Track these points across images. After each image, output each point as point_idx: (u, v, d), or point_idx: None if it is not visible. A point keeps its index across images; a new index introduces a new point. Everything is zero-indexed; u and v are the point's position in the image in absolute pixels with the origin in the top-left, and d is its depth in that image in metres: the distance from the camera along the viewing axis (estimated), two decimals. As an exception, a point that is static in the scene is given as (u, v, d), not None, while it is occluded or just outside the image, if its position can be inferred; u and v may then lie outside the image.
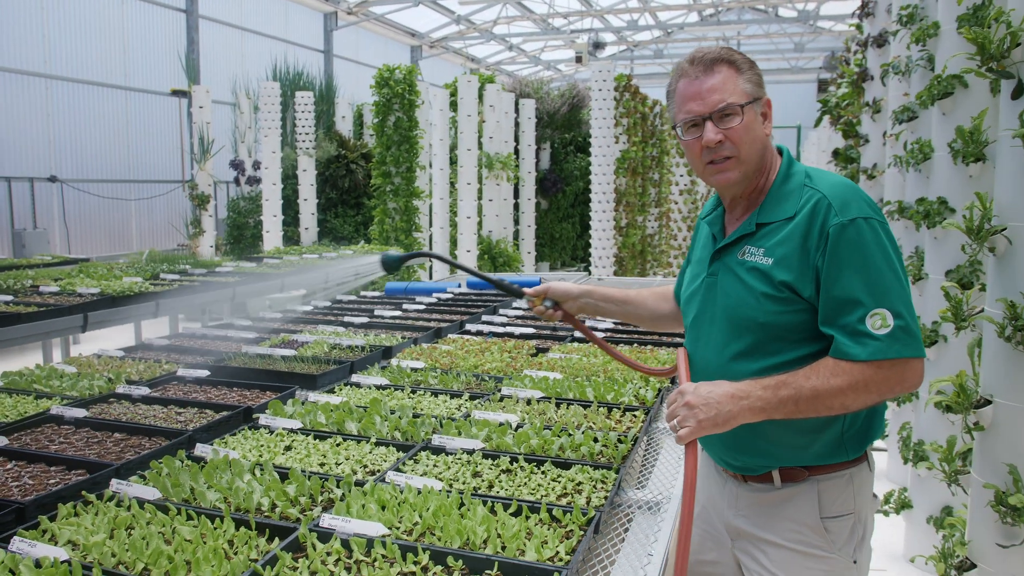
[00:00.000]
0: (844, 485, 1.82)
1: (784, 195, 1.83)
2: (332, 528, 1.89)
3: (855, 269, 1.67)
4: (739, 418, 1.70)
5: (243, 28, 17.85)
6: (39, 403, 3.08)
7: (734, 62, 1.81)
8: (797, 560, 1.83)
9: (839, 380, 1.66)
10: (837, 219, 1.70)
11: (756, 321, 1.80)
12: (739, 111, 1.78)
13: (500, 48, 28.43)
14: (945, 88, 2.90)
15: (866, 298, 1.66)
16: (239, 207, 12.84)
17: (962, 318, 2.31)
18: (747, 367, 1.81)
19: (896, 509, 3.28)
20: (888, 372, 1.65)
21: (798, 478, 1.83)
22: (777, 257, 1.78)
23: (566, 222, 15.32)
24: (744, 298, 1.83)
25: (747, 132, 1.80)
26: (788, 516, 1.84)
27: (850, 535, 1.82)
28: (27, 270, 6.90)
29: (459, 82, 11.42)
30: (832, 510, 1.82)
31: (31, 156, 12.89)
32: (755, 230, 1.85)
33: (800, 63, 29.97)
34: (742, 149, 1.80)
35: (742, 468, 1.91)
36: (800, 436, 1.81)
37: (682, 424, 1.72)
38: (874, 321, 1.65)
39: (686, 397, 1.72)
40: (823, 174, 1.83)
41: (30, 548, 1.78)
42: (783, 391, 1.69)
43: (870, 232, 1.69)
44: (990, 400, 2.13)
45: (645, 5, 23.45)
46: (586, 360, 3.79)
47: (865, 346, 1.65)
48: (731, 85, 1.79)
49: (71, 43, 13.60)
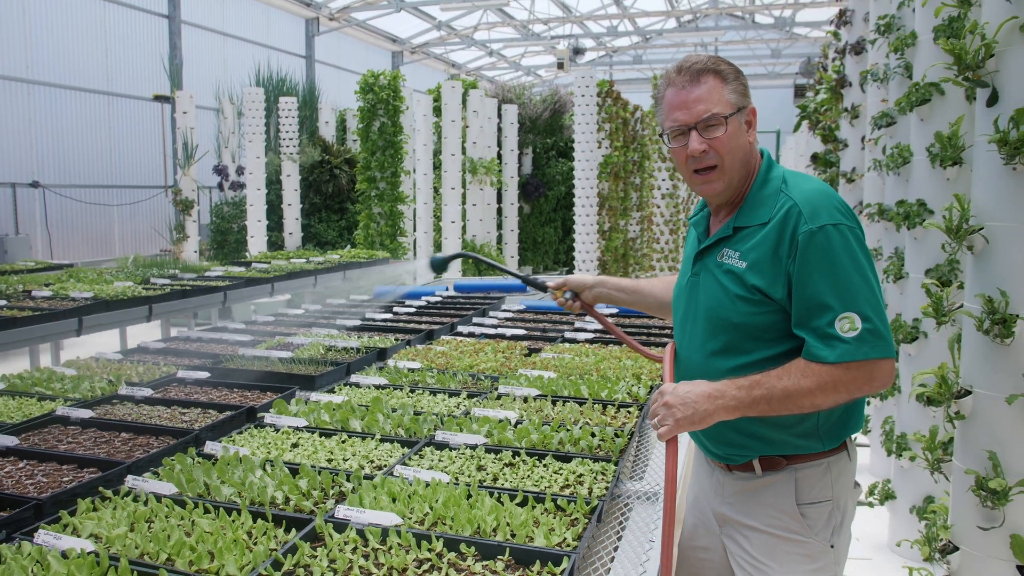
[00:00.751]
0: (822, 474, 1.91)
1: (761, 200, 1.90)
2: (347, 519, 1.96)
3: (824, 274, 1.76)
4: (715, 416, 1.79)
5: (225, 34, 17.81)
6: (43, 405, 3.13)
7: (720, 72, 1.88)
8: (777, 544, 1.92)
9: (809, 381, 1.75)
10: (807, 226, 1.78)
11: (731, 321, 1.89)
12: (723, 122, 1.84)
13: (481, 54, 28.55)
14: (923, 95, 3.02)
15: (835, 302, 1.75)
16: (223, 212, 12.82)
17: (942, 313, 2.42)
18: (723, 364, 1.90)
19: (880, 500, 3.39)
20: (856, 373, 1.74)
21: (777, 467, 1.92)
22: (750, 261, 1.86)
23: (548, 226, 15.43)
24: (720, 299, 1.91)
25: (731, 142, 1.86)
26: (767, 502, 1.93)
27: (827, 521, 1.91)
28: (11, 275, 6.88)
29: (443, 88, 11.50)
30: (809, 497, 1.91)
31: (13, 161, 12.80)
32: (732, 233, 1.93)
33: (777, 68, 30.35)
34: (726, 159, 1.87)
35: (725, 458, 2.00)
36: (775, 430, 1.90)
37: (661, 423, 1.81)
38: (843, 324, 1.74)
39: (665, 397, 1.82)
40: (799, 180, 1.91)
41: (55, 541, 1.84)
42: (756, 391, 1.78)
43: (839, 238, 1.77)
44: (970, 390, 2.25)
45: (624, 11, 23.68)
46: (579, 360, 3.88)
47: (834, 348, 1.74)
48: (716, 95, 1.84)
49: (53, 48, 13.52)
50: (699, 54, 1.97)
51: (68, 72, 13.79)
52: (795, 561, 1.91)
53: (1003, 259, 2.17)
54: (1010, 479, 2.17)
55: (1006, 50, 2.14)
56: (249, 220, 11.19)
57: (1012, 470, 2.17)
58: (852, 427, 1.98)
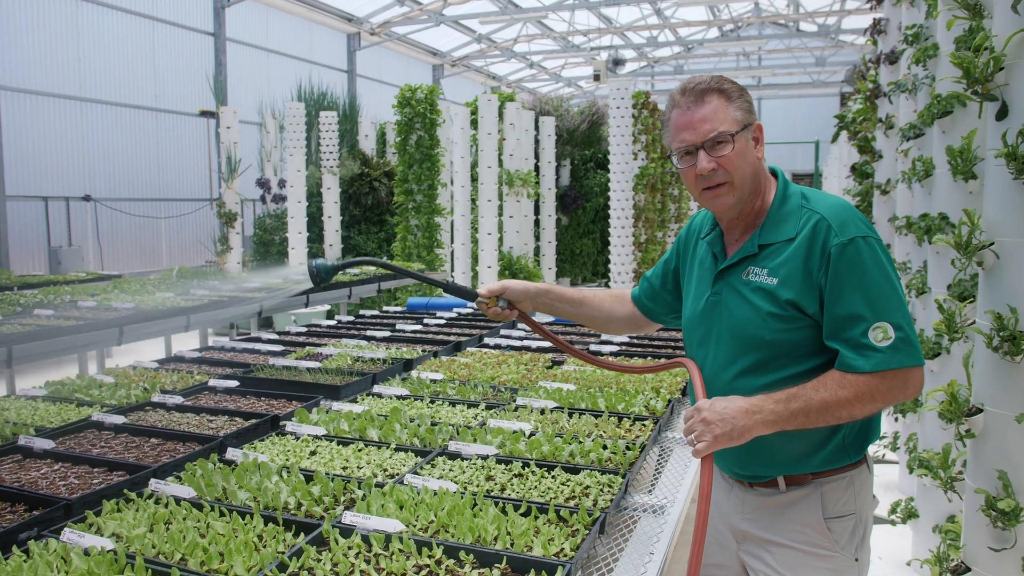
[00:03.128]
0: (845, 487, 1.93)
1: (783, 216, 1.92)
2: (353, 524, 2.03)
3: (856, 286, 1.78)
4: (753, 431, 1.79)
5: (269, 50, 18.24)
6: (80, 410, 3.26)
7: (724, 91, 1.90)
8: (802, 559, 1.93)
9: (846, 392, 1.76)
10: (837, 239, 1.80)
11: (763, 339, 1.89)
12: (730, 139, 1.86)
13: (521, 66, 28.72)
14: (944, 107, 3.00)
15: (867, 313, 1.77)
16: (265, 224, 13.10)
17: (955, 329, 2.40)
18: (752, 383, 1.91)
19: (903, 519, 3.34)
20: (892, 381, 1.77)
21: (802, 482, 1.94)
22: (781, 277, 1.87)
23: (586, 238, 15.45)
24: (750, 317, 1.91)
25: (739, 158, 1.88)
26: (793, 518, 1.94)
27: (852, 534, 1.92)
28: (63, 286, 7.14)
29: (479, 101, 11.61)
30: (834, 511, 1.92)
31: (66, 176, 13.29)
32: (758, 251, 1.94)
33: (822, 77, 29.95)
34: (735, 175, 1.88)
35: (750, 477, 2.01)
36: (805, 446, 1.91)
37: (699, 439, 1.80)
38: (876, 334, 1.76)
39: (703, 413, 1.81)
40: (818, 195, 1.94)
41: (79, 539, 1.94)
42: (794, 404, 1.79)
43: (868, 250, 1.80)
44: (981, 408, 2.23)
45: (665, 22, 23.63)
46: (600, 373, 3.90)
47: (869, 358, 1.76)
48: (722, 114, 1.87)
49: (105, 67, 14.01)
50: (702, 75, 1.99)
51: (118, 89, 14.28)
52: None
53: (1013, 275, 2.15)
54: (1021, 499, 2.14)
55: (1015, 63, 2.13)
56: (290, 232, 11.43)
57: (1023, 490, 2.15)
58: (873, 435, 2.00)
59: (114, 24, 14.18)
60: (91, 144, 13.78)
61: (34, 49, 12.79)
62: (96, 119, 13.90)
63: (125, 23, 14.40)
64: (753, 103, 1.96)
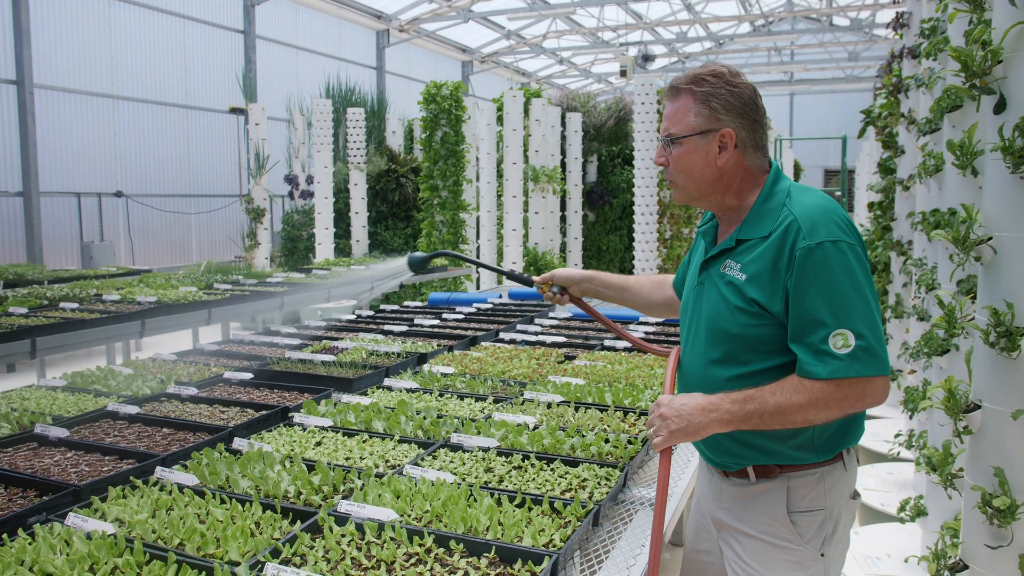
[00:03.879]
0: (814, 483, 1.93)
1: (764, 213, 1.94)
2: (348, 513, 2.07)
3: (819, 290, 1.78)
4: (708, 429, 1.85)
5: (298, 47, 18.44)
6: (98, 400, 3.35)
7: (695, 93, 1.93)
8: (767, 550, 1.95)
9: (801, 397, 1.78)
10: (805, 242, 1.80)
11: (729, 332, 1.93)
12: (680, 142, 1.93)
13: (551, 62, 28.69)
14: (953, 101, 2.96)
15: (829, 318, 1.77)
16: (293, 220, 13.27)
17: (954, 325, 2.38)
18: (722, 373, 1.95)
19: (912, 516, 3.31)
20: (848, 390, 1.76)
21: (771, 474, 1.95)
22: (750, 274, 1.89)
23: (613, 234, 15.41)
24: (720, 309, 1.95)
25: (681, 161, 1.95)
26: (760, 509, 1.97)
27: (819, 529, 1.93)
28: (93, 280, 7.31)
29: (505, 97, 11.64)
30: (800, 505, 1.93)
31: (99, 172, 13.59)
32: (735, 245, 1.97)
33: (855, 72, 29.51)
34: (676, 176, 1.98)
35: (721, 464, 2.05)
36: (770, 440, 1.93)
37: (656, 433, 1.88)
38: (836, 341, 1.76)
39: (661, 409, 1.89)
40: (803, 194, 1.93)
41: (83, 523, 2.01)
42: (749, 405, 1.82)
43: (836, 255, 1.79)
44: (979, 405, 2.21)
45: (695, 17, 23.44)
46: (610, 367, 3.91)
47: (827, 364, 1.76)
48: (679, 115, 1.94)
49: (136, 65, 14.29)
50: (699, 67, 2.01)
51: (150, 87, 14.56)
52: (785, 568, 1.94)
53: (1011, 270, 2.12)
54: (1018, 496, 2.12)
55: (1013, 56, 2.10)
56: (317, 228, 11.56)
57: (1020, 487, 2.13)
58: (849, 439, 1.99)
59: (146, 23, 14.45)
60: (123, 141, 14.07)
61: (68, 48, 13.08)
62: (128, 116, 14.18)
63: (157, 22, 14.67)
64: (735, 106, 1.92)
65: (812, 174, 28.97)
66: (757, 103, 1.95)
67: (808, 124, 32.59)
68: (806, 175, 23.70)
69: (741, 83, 1.94)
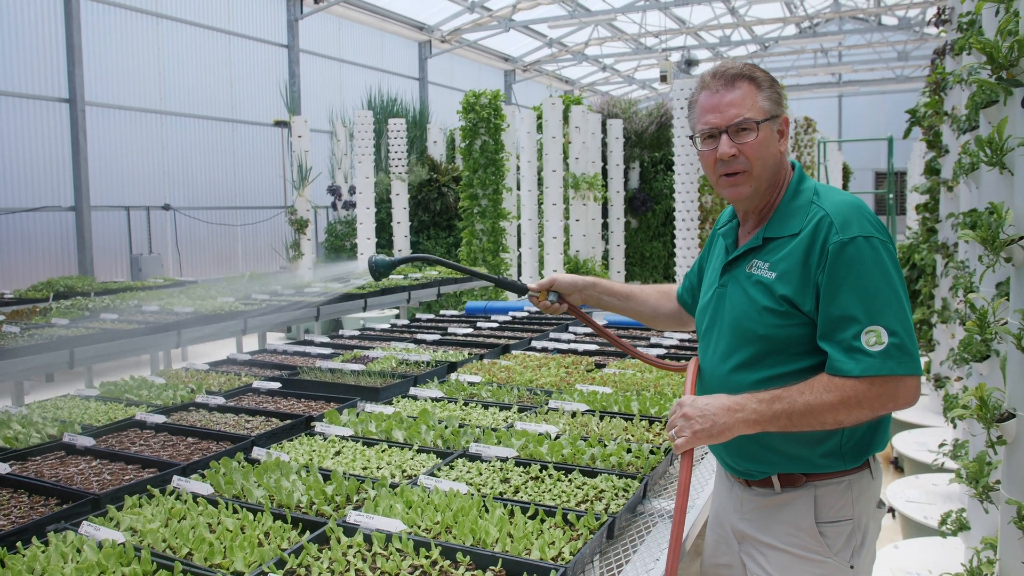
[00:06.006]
0: (842, 492, 1.86)
1: (792, 211, 1.89)
2: (357, 524, 2.05)
3: (852, 286, 1.72)
4: (734, 430, 1.76)
5: (342, 60, 18.70)
6: (127, 410, 3.41)
7: (755, 79, 1.88)
8: (794, 563, 1.87)
9: (832, 396, 1.70)
10: (837, 237, 1.75)
11: (756, 333, 1.86)
12: (755, 127, 1.84)
13: (593, 69, 28.61)
14: (988, 96, 2.84)
15: (862, 315, 1.70)
16: (336, 231, 13.42)
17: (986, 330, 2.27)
18: (746, 377, 1.88)
19: (954, 531, 3.17)
20: (880, 389, 1.69)
21: (797, 483, 1.88)
22: (780, 271, 1.83)
23: (656, 241, 15.25)
24: (747, 311, 1.89)
25: (761, 148, 1.85)
26: (785, 520, 1.89)
27: (847, 541, 1.85)
28: (139, 292, 7.47)
29: (543, 105, 11.62)
30: (828, 515, 1.86)
31: (147, 186, 13.94)
32: (762, 244, 1.92)
33: (906, 72, 28.80)
34: (755, 164, 1.86)
35: (744, 473, 1.98)
36: (799, 446, 1.85)
37: (679, 434, 1.79)
38: (869, 338, 1.69)
39: (684, 409, 1.80)
40: (831, 192, 1.89)
41: (95, 531, 2.03)
42: (777, 405, 1.74)
43: (869, 250, 1.74)
44: (1013, 413, 2.10)
45: (739, 20, 23.14)
46: (639, 376, 3.85)
47: (859, 362, 1.69)
48: (750, 101, 1.85)
49: (184, 80, 14.64)
50: (735, 61, 1.97)
51: (196, 102, 14.90)
52: None
53: (1044, 273, 2.02)
54: (1057, 510, 2.00)
55: (1044, 49, 2.00)
56: (359, 238, 11.66)
57: (1058, 501, 2.01)
58: (876, 446, 1.93)
59: (193, 40, 14.80)
60: (170, 155, 14.41)
61: (118, 65, 13.45)
62: (175, 131, 14.52)
63: (203, 38, 15.01)
64: (783, 96, 1.93)
65: (862, 176, 28.31)
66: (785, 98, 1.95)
67: (858, 126, 31.89)
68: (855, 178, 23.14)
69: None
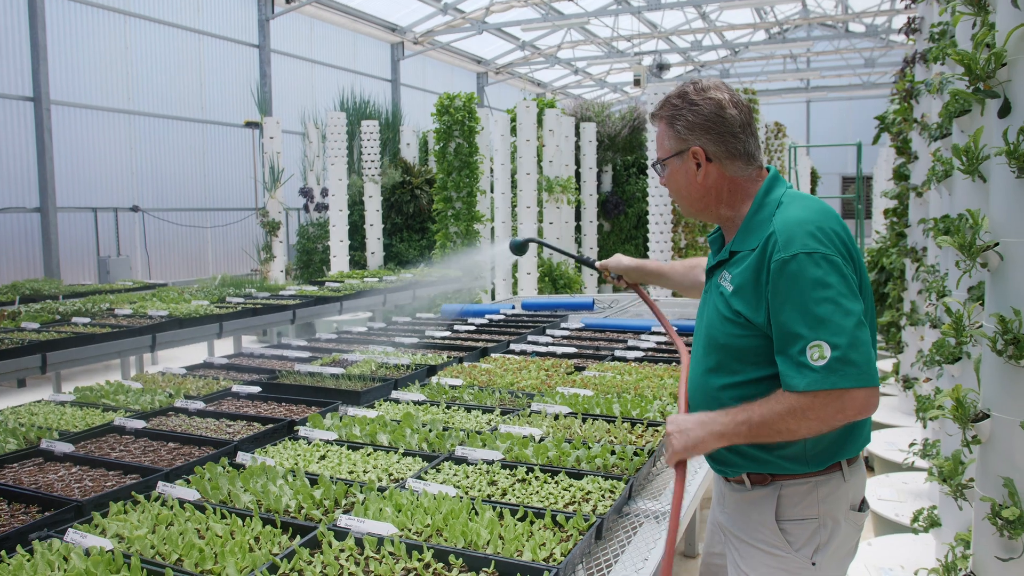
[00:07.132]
0: (806, 492, 1.93)
1: (755, 225, 1.96)
2: (348, 528, 2.06)
3: (794, 303, 1.79)
4: (707, 442, 1.89)
5: (313, 61, 18.58)
6: (105, 415, 3.37)
7: (665, 117, 2.02)
8: (758, 556, 1.96)
9: (781, 407, 1.79)
10: (780, 255, 1.81)
11: (719, 342, 1.97)
12: (665, 164, 2.03)
13: (566, 72, 28.72)
14: (961, 106, 2.91)
15: (805, 330, 1.76)
16: (308, 233, 13.33)
17: (962, 333, 2.33)
18: (716, 381, 1.99)
19: (926, 527, 3.25)
20: (825, 401, 1.75)
21: (763, 482, 1.97)
22: (736, 285, 1.93)
23: (629, 244, 15.34)
24: (713, 319, 2.00)
25: (671, 182, 2.05)
26: (752, 516, 1.98)
27: (810, 538, 1.92)
28: (108, 295, 7.36)
29: (518, 108, 11.65)
30: (791, 514, 1.93)
31: (115, 187, 13.73)
32: (729, 257, 2.01)
33: (872, 78, 29.32)
34: (673, 194, 2.08)
35: (719, 470, 2.08)
36: (759, 451, 1.95)
37: (665, 450, 1.97)
38: (812, 352, 1.75)
39: (668, 427, 1.97)
40: (793, 204, 1.93)
41: (81, 539, 2.01)
42: (739, 416, 1.84)
43: (811, 266, 1.78)
44: (988, 414, 2.16)
45: (710, 25, 23.40)
46: (620, 378, 3.88)
47: (804, 376, 1.76)
48: (661, 140, 2.04)
49: (152, 80, 14.45)
50: (673, 89, 2.08)
51: (165, 102, 14.72)
52: (773, 574, 1.95)
53: (1017, 277, 2.08)
54: (1029, 507, 2.07)
55: (1017, 59, 2.06)
56: (332, 240, 11.60)
57: (1031, 498, 2.08)
58: (846, 451, 1.99)
59: (162, 38, 14.62)
60: (139, 156, 14.21)
61: (84, 63, 13.24)
62: (144, 131, 14.33)
63: (172, 37, 14.83)
64: (698, 124, 1.95)
65: (829, 181, 28.75)
66: (724, 116, 1.95)
67: (825, 131, 32.37)
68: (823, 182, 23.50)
69: (705, 99, 1.96)
